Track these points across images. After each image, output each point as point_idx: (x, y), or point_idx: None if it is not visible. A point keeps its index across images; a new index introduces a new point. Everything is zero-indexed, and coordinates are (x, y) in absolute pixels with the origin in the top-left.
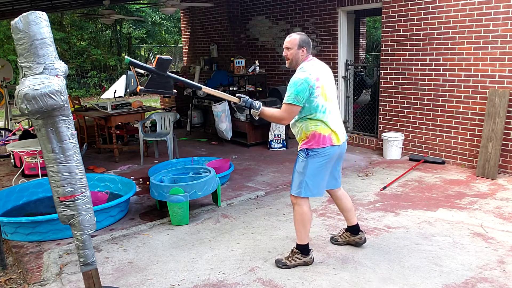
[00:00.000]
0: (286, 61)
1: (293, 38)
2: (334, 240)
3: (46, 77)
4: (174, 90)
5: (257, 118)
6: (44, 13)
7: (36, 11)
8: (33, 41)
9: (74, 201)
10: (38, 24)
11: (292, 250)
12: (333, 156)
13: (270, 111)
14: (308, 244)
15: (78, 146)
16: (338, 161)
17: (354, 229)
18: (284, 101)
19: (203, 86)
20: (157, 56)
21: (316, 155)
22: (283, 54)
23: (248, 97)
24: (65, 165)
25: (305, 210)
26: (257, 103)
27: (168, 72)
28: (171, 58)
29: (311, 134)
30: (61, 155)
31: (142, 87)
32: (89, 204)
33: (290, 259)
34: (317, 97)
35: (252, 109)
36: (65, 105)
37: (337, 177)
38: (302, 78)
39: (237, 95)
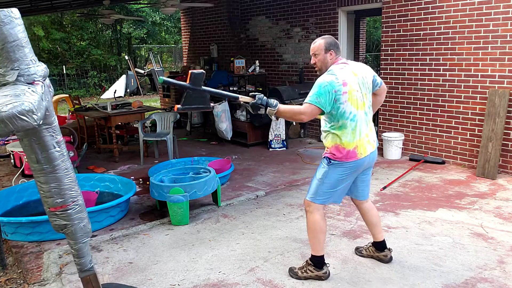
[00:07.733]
0: (316, 69)
1: (318, 43)
2: (358, 251)
3: (15, 92)
4: (212, 104)
5: (272, 117)
6: (16, 10)
7: (5, 9)
8: (4, 44)
9: (65, 211)
10: (8, 24)
11: (306, 261)
12: (358, 168)
13: (288, 107)
14: (322, 256)
15: (66, 153)
16: (366, 171)
17: (379, 245)
18: (306, 100)
19: (239, 96)
20: (190, 71)
21: (339, 165)
22: (311, 62)
23: (263, 95)
24: (52, 175)
25: (316, 218)
26: (274, 101)
27: (202, 86)
28: (204, 72)
29: (335, 146)
30: (47, 165)
31: (180, 106)
32: (82, 212)
33: (302, 270)
34: (344, 103)
35: (268, 108)
36: (40, 122)
37: (362, 187)
38: (327, 80)
39: (251, 94)
